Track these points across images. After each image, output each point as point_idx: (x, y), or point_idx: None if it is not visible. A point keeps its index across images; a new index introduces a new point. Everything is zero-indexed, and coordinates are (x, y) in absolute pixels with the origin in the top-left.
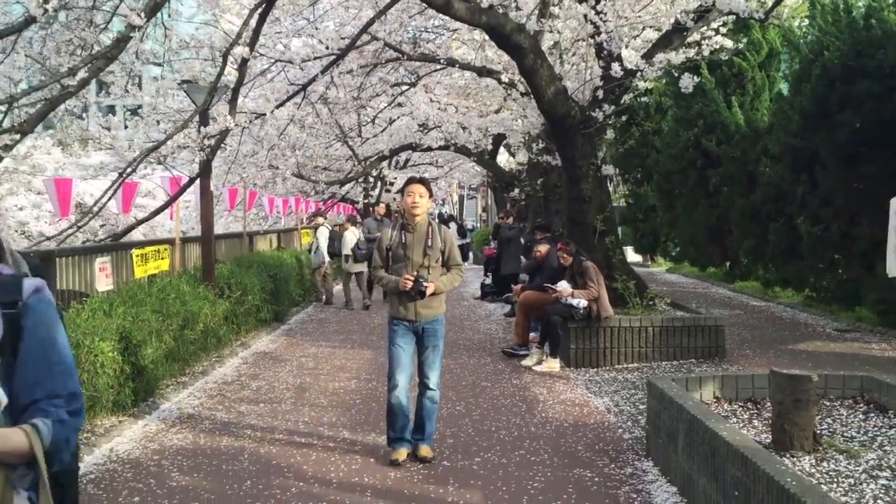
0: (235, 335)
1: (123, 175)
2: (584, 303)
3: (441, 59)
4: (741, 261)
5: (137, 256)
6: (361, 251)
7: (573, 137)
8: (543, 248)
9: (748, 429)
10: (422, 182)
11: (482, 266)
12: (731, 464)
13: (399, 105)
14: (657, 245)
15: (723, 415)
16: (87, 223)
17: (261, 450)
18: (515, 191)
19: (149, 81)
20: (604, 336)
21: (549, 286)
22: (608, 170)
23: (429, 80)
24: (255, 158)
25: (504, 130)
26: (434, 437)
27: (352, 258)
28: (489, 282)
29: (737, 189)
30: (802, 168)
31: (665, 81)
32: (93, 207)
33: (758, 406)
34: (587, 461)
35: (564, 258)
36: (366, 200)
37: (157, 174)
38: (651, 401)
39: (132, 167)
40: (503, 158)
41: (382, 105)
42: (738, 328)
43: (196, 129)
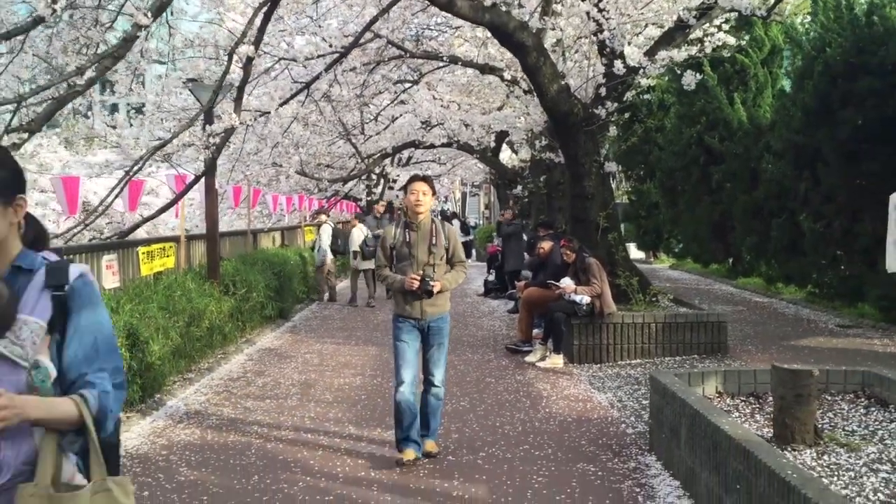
0: (241, 332)
1: (130, 173)
2: (587, 299)
3: (444, 57)
4: (744, 257)
5: (144, 254)
6: (370, 248)
7: (576, 135)
8: (547, 245)
9: (750, 423)
10: (425, 180)
11: (485, 263)
12: (733, 457)
13: (402, 102)
14: (660, 242)
15: (725, 409)
16: (94, 221)
17: (267, 445)
18: (518, 188)
19: (152, 80)
20: (607, 332)
21: (553, 283)
22: (611, 167)
23: (431, 78)
24: (259, 156)
25: (507, 128)
26: (439, 433)
27: (360, 255)
28: (492, 278)
29: (739, 186)
30: (805, 165)
31: (668, 78)
32: (99, 206)
33: (760, 401)
34: (591, 456)
35: (567, 255)
36: (369, 198)
37: (162, 172)
38: (654, 396)
39: (139, 166)
40: (506, 155)
41: (385, 102)
42: (741, 324)
43: (201, 128)
